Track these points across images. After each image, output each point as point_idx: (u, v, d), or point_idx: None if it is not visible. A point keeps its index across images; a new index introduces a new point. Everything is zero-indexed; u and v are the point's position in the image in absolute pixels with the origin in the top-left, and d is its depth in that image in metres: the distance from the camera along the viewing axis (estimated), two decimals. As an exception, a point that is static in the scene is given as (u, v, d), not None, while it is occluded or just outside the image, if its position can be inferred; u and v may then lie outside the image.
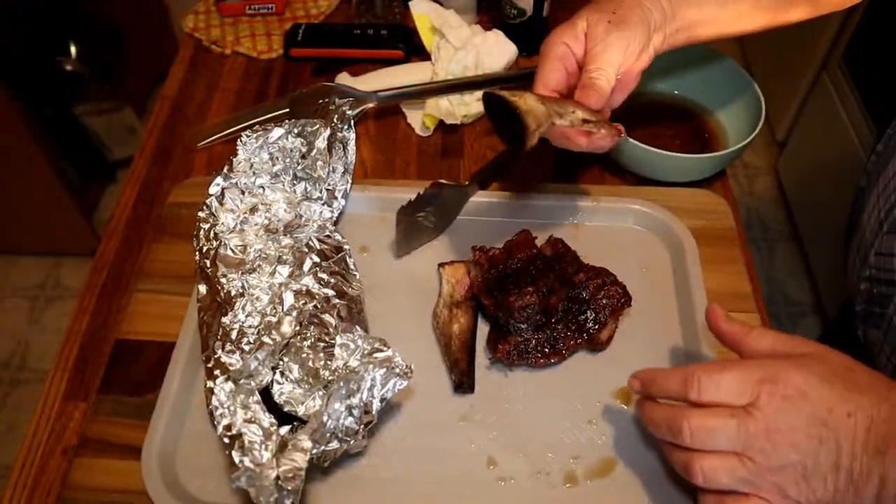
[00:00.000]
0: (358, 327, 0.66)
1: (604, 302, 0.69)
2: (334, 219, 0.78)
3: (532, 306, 0.67)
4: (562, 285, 0.70)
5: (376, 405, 0.59)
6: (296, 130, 0.77)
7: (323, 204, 0.77)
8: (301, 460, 0.54)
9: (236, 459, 0.54)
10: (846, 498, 0.49)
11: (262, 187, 0.74)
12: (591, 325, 0.68)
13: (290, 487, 0.52)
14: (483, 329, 0.72)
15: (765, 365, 0.51)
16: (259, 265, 0.68)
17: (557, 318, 0.68)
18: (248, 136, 0.76)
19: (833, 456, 0.49)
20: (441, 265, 0.74)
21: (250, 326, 0.63)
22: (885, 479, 0.47)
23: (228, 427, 0.56)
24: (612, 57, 0.66)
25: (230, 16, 1.11)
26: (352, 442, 0.59)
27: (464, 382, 0.67)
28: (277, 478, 0.52)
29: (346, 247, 0.73)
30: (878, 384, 0.50)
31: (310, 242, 0.71)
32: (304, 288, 0.66)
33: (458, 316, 0.70)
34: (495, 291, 0.69)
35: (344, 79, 0.97)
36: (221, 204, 0.72)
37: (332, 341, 0.62)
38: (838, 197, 1.79)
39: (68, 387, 0.71)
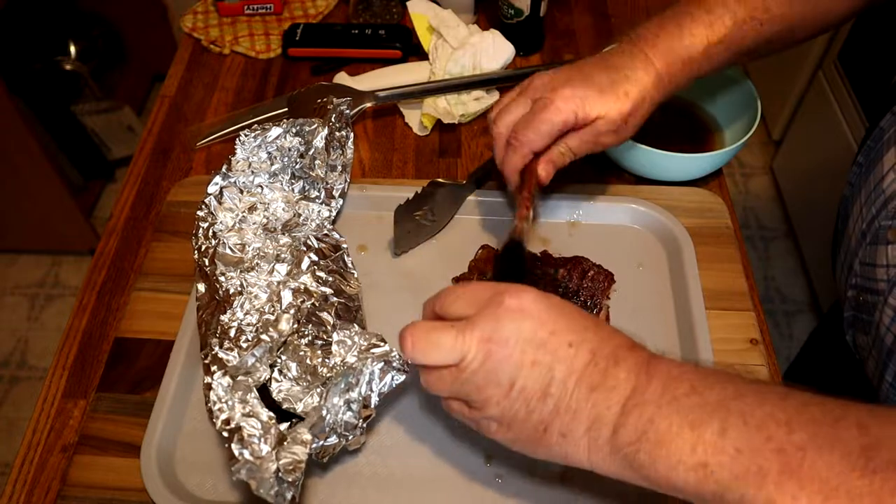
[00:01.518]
0: (355, 324, 0.66)
1: (592, 287, 0.69)
2: (332, 217, 0.78)
3: None
4: (550, 286, 0.70)
5: (375, 399, 0.59)
6: (294, 130, 0.77)
7: (321, 203, 0.77)
8: (301, 453, 0.54)
9: (236, 452, 0.54)
10: (549, 431, 0.47)
11: (261, 186, 0.75)
12: (589, 311, 0.69)
13: (290, 479, 0.53)
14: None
15: (505, 285, 0.50)
16: (257, 263, 0.68)
17: None
18: (246, 136, 0.76)
19: (543, 381, 0.47)
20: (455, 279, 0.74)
21: (249, 324, 0.64)
22: (597, 418, 0.46)
23: (227, 421, 0.57)
24: (551, 128, 0.66)
25: (229, 15, 1.11)
26: (350, 437, 0.60)
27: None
28: (277, 470, 0.53)
29: (344, 245, 0.74)
30: (605, 327, 0.50)
31: (308, 241, 0.71)
32: (302, 286, 0.67)
33: None
34: None
35: (342, 78, 0.97)
36: (220, 203, 0.73)
37: (330, 339, 0.63)
38: (834, 195, 1.80)
39: (68, 384, 0.72)
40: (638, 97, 0.65)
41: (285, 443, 0.55)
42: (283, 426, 0.59)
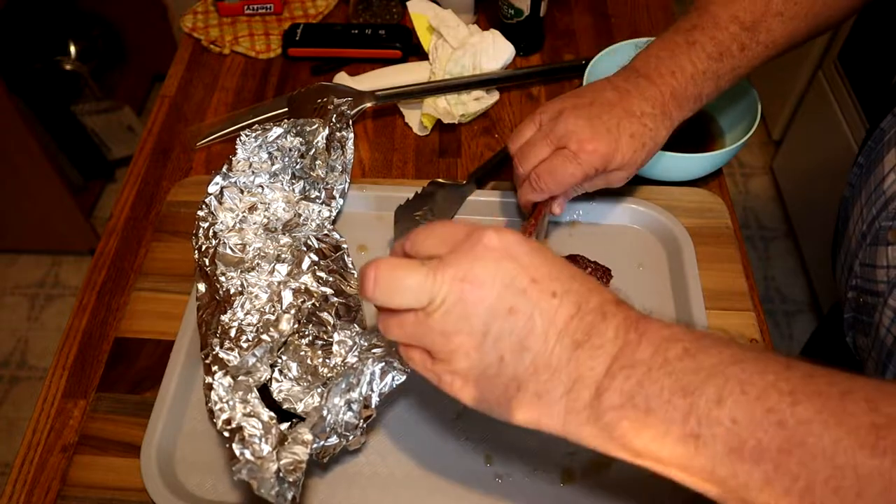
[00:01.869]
0: (356, 324, 0.66)
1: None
2: (332, 218, 0.78)
3: None
4: None
5: (375, 399, 0.59)
6: (294, 130, 0.77)
7: (321, 203, 0.77)
8: (302, 453, 0.54)
9: (237, 452, 0.54)
10: (522, 390, 0.43)
11: (261, 186, 0.75)
12: None
13: (291, 479, 0.53)
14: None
15: (482, 226, 0.45)
16: (258, 264, 0.68)
17: None
18: (246, 136, 0.76)
19: (521, 333, 0.42)
20: None
21: (249, 324, 0.64)
22: (579, 379, 0.42)
23: (228, 421, 0.57)
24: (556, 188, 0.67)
25: (229, 15, 1.11)
26: (351, 437, 0.60)
27: None
28: (278, 470, 0.53)
29: (345, 245, 0.74)
30: (590, 280, 0.45)
31: (308, 241, 0.71)
32: (302, 286, 0.67)
33: None
34: None
35: (342, 78, 0.97)
36: (220, 203, 0.73)
37: (331, 339, 0.63)
38: (834, 195, 1.80)
39: (68, 384, 0.72)
40: (655, 148, 0.69)
41: (286, 443, 0.55)
42: (284, 426, 0.59)
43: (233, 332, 0.63)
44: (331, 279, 0.68)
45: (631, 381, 0.41)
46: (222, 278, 0.67)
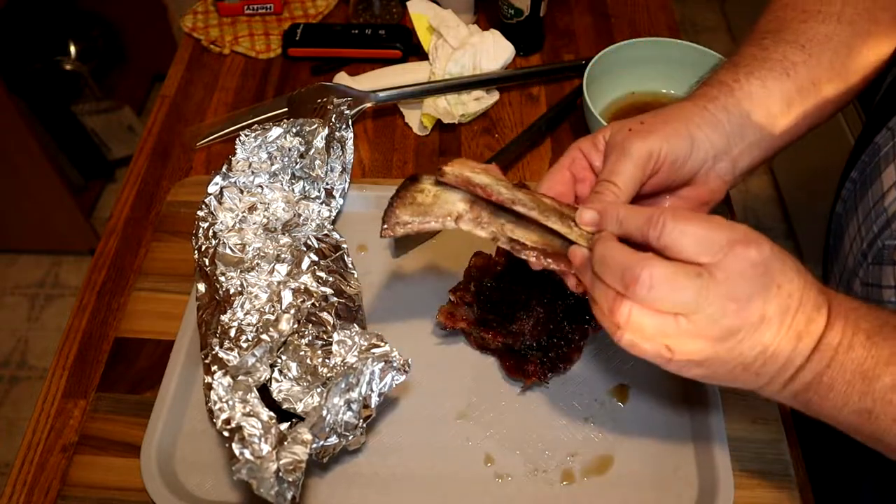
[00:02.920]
0: (355, 324, 0.66)
1: None
2: (332, 218, 0.78)
3: (540, 318, 0.68)
4: (548, 285, 0.70)
5: (375, 399, 0.59)
6: (294, 130, 0.77)
7: (321, 203, 0.77)
8: (301, 453, 0.54)
9: (237, 452, 0.54)
10: (747, 371, 0.47)
11: (261, 186, 0.75)
12: (590, 307, 0.69)
13: (290, 479, 0.53)
14: (485, 362, 0.71)
15: (734, 227, 0.46)
16: (258, 263, 0.68)
17: (561, 317, 0.69)
18: (246, 136, 0.76)
19: (766, 339, 0.46)
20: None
21: (249, 324, 0.64)
22: (789, 361, 0.46)
23: (227, 421, 0.57)
24: (625, 168, 0.55)
25: (229, 15, 1.11)
26: (350, 437, 0.60)
27: None
28: (278, 470, 0.53)
29: (344, 245, 0.74)
30: (805, 272, 0.48)
31: (308, 241, 0.71)
32: (302, 286, 0.67)
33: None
34: (493, 322, 0.68)
35: (342, 78, 0.97)
36: (220, 203, 0.73)
37: (330, 339, 0.63)
38: (833, 194, 1.80)
39: (68, 384, 0.72)
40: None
41: (286, 443, 0.55)
42: (284, 426, 0.59)
43: (232, 332, 0.63)
44: (330, 279, 0.68)
45: (822, 363, 0.46)
46: (222, 278, 0.67)
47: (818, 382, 0.47)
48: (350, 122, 0.83)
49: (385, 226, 0.56)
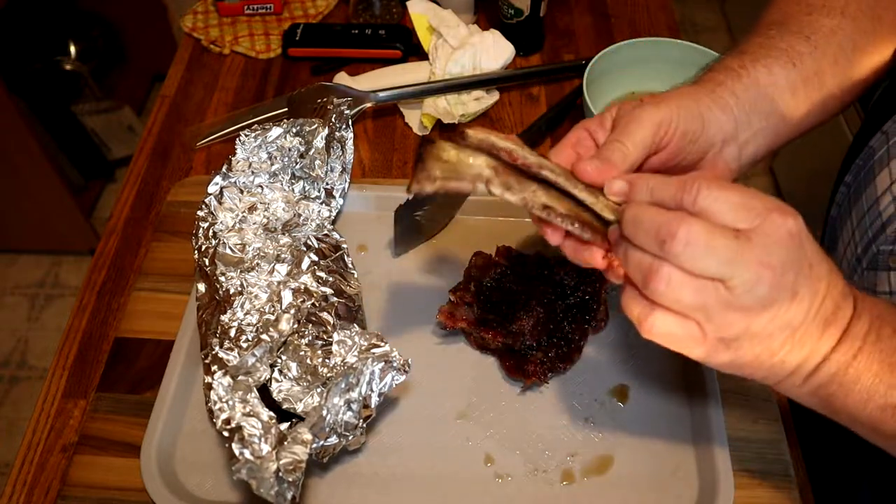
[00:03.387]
0: (355, 324, 0.66)
1: (591, 281, 0.70)
2: (332, 218, 0.78)
3: (540, 318, 0.68)
4: (548, 285, 0.70)
5: (375, 399, 0.59)
6: (294, 130, 0.77)
7: (321, 203, 0.77)
8: (301, 453, 0.54)
9: (236, 452, 0.54)
10: (773, 357, 0.45)
11: (261, 186, 0.75)
12: (590, 307, 0.69)
13: (290, 479, 0.53)
14: (485, 362, 0.71)
15: (769, 197, 0.45)
16: (258, 263, 0.68)
17: (561, 317, 0.69)
18: (246, 136, 0.76)
19: (793, 313, 0.44)
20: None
21: (249, 324, 0.64)
22: (814, 350, 0.45)
23: (227, 420, 0.57)
24: (637, 130, 0.53)
25: (229, 15, 1.11)
26: (350, 437, 0.60)
27: None
28: (278, 470, 0.53)
29: (344, 245, 0.74)
30: (829, 259, 0.47)
31: (308, 241, 0.71)
32: (302, 286, 0.67)
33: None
34: (493, 322, 0.68)
35: (342, 78, 0.97)
36: (220, 203, 0.73)
37: (330, 339, 0.63)
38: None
39: (68, 384, 0.72)
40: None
41: (286, 442, 0.55)
42: (284, 426, 0.59)
43: (232, 332, 0.63)
44: (330, 279, 0.68)
45: (848, 354, 0.45)
46: (222, 278, 0.67)
47: (843, 374, 0.46)
48: (350, 122, 0.83)
49: (415, 181, 0.52)
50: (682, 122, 0.55)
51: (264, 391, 0.61)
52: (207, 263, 0.69)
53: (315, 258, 0.70)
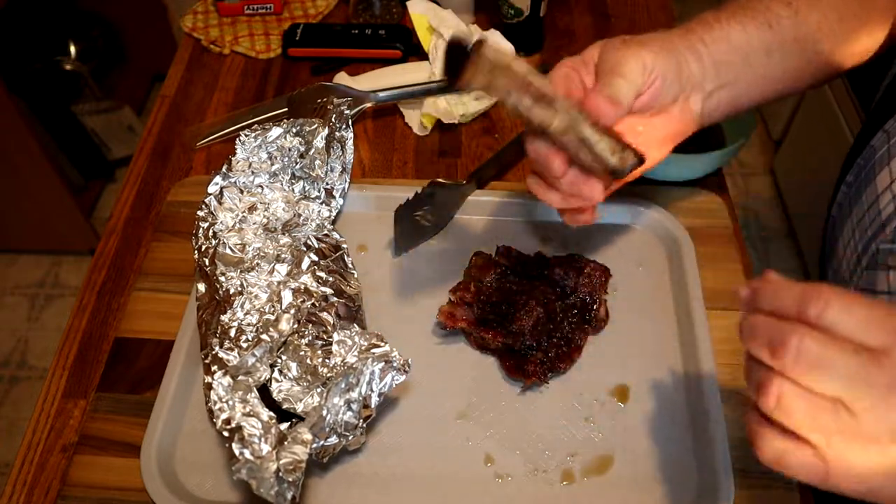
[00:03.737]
0: (355, 324, 0.66)
1: (589, 283, 0.70)
2: (332, 218, 0.78)
3: (540, 318, 0.68)
4: (548, 285, 0.70)
5: (375, 399, 0.59)
6: (294, 130, 0.77)
7: (321, 203, 0.77)
8: (301, 453, 0.54)
9: (236, 451, 0.54)
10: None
11: (261, 186, 0.75)
12: (590, 307, 0.69)
13: (290, 479, 0.53)
14: (485, 362, 0.71)
15: None
16: (258, 263, 0.68)
17: (561, 317, 0.69)
18: (246, 136, 0.76)
19: None
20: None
21: (249, 324, 0.64)
22: None
23: (227, 420, 0.57)
24: (629, 71, 0.54)
25: (229, 15, 1.11)
26: (350, 437, 0.60)
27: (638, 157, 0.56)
28: (278, 470, 0.53)
29: (344, 245, 0.74)
30: None
31: (308, 241, 0.71)
32: (302, 286, 0.67)
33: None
34: (493, 322, 0.68)
35: (342, 78, 0.97)
36: (220, 203, 0.73)
37: (330, 339, 0.63)
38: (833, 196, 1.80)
39: (68, 384, 0.72)
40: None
41: (286, 442, 0.55)
42: (284, 426, 0.59)
43: (232, 332, 0.63)
44: (330, 279, 0.68)
45: None
46: (222, 278, 0.67)
47: None
48: (350, 122, 0.83)
49: (467, 74, 0.52)
50: (662, 64, 0.56)
51: (264, 391, 0.61)
52: (207, 263, 0.69)
53: (315, 258, 0.70)
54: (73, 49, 2.15)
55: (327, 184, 0.78)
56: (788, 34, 0.61)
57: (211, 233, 0.71)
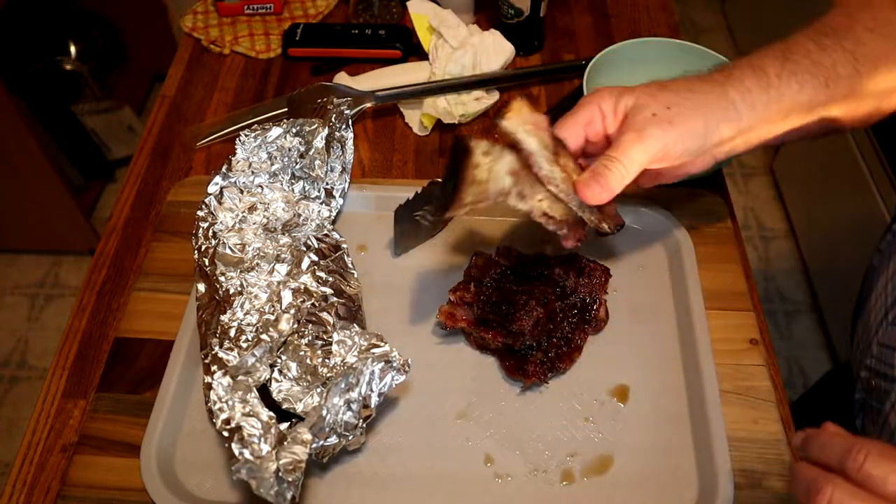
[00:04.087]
0: (355, 324, 0.66)
1: (589, 283, 0.70)
2: (332, 218, 0.78)
3: (540, 319, 0.68)
4: (548, 285, 0.70)
5: (375, 399, 0.59)
6: (294, 130, 0.77)
7: (321, 203, 0.77)
8: (301, 452, 0.54)
9: (236, 451, 0.54)
10: None
11: (261, 186, 0.75)
12: (590, 307, 0.69)
13: (290, 479, 0.53)
14: (485, 362, 0.71)
15: None
16: (257, 263, 0.68)
17: (561, 317, 0.69)
18: (246, 136, 0.76)
19: None
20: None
21: (248, 324, 0.64)
22: None
23: (227, 420, 0.57)
24: (637, 155, 0.56)
25: (229, 15, 1.11)
26: (350, 437, 0.60)
27: (621, 225, 0.64)
28: (278, 470, 0.53)
29: (344, 245, 0.74)
30: None
31: (308, 241, 0.71)
32: (302, 286, 0.67)
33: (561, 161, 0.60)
34: (493, 322, 0.68)
35: (342, 78, 0.97)
36: (220, 203, 0.73)
37: (330, 339, 0.63)
38: (833, 196, 1.80)
39: (68, 384, 0.72)
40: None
41: (285, 442, 0.55)
42: (284, 426, 0.59)
43: (232, 332, 0.63)
44: (330, 279, 0.68)
45: None
46: (222, 278, 0.67)
47: None
48: (350, 122, 0.83)
49: (449, 209, 0.58)
50: (684, 151, 0.56)
51: (264, 391, 0.61)
52: (207, 263, 0.69)
53: (315, 258, 0.70)
54: (73, 49, 2.15)
55: (327, 184, 0.78)
56: (840, 93, 0.59)
57: (211, 233, 0.71)
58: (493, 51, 0.95)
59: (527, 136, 0.58)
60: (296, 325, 0.64)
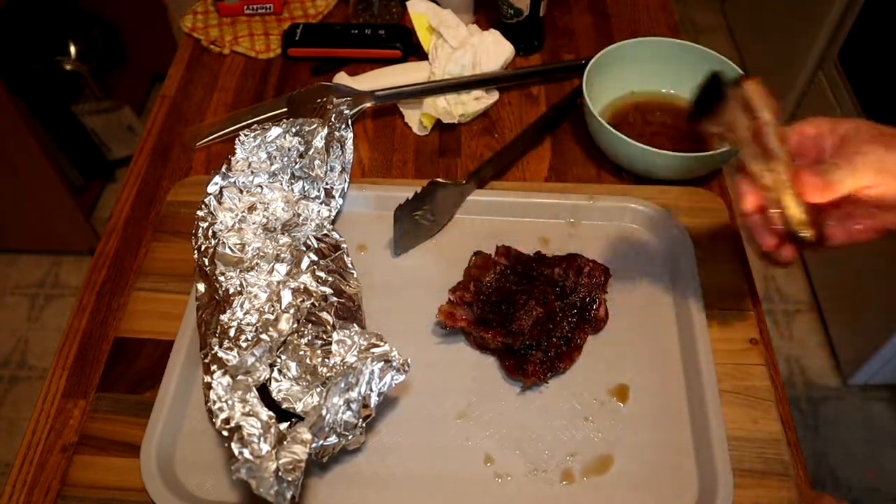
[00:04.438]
0: (355, 324, 0.66)
1: (589, 283, 0.70)
2: (332, 217, 0.78)
3: (539, 318, 0.68)
4: (548, 285, 0.70)
5: (374, 399, 0.59)
6: (294, 130, 0.77)
7: (321, 203, 0.77)
8: (301, 452, 0.54)
9: (236, 451, 0.54)
10: None
11: (261, 186, 0.75)
12: (590, 307, 0.69)
13: (290, 479, 0.53)
14: (485, 362, 0.71)
15: None
16: (257, 263, 0.68)
17: (561, 317, 0.69)
18: (246, 136, 0.76)
19: None
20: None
21: (248, 324, 0.64)
22: None
23: (227, 420, 0.57)
24: (861, 164, 0.55)
25: (229, 15, 1.11)
26: (350, 437, 0.60)
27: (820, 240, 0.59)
28: (277, 469, 0.53)
29: (344, 245, 0.74)
30: None
31: (308, 241, 0.71)
32: (301, 286, 0.67)
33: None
34: (493, 322, 0.68)
35: (342, 78, 0.97)
36: (220, 203, 0.73)
37: (330, 338, 0.63)
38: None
39: (68, 384, 0.72)
40: None
41: (285, 442, 0.55)
42: (283, 426, 0.59)
43: (232, 332, 0.63)
44: (330, 279, 0.68)
45: None
46: (221, 278, 0.67)
47: None
48: (350, 122, 0.83)
49: (708, 121, 0.59)
50: (890, 196, 0.55)
51: (264, 391, 0.61)
52: (207, 263, 0.69)
53: (315, 258, 0.70)
54: (73, 49, 2.15)
55: (327, 183, 0.78)
56: None
57: (210, 233, 0.71)
58: (492, 51, 0.95)
59: (763, 108, 0.58)
60: (295, 325, 0.64)
